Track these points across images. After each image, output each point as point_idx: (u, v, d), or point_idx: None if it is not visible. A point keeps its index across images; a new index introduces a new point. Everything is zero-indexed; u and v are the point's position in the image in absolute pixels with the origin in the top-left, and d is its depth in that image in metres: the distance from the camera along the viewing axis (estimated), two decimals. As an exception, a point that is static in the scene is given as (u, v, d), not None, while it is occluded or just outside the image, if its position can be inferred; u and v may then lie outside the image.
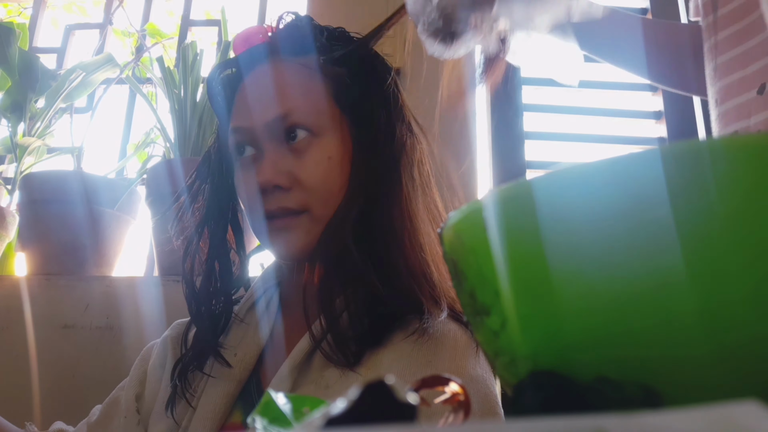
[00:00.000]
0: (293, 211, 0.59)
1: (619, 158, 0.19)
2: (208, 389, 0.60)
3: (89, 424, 0.67)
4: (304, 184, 0.59)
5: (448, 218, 0.25)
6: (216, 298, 0.64)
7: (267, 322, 0.64)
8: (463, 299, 0.25)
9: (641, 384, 0.19)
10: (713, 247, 0.18)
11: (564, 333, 0.20)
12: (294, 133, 0.60)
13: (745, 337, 0.18)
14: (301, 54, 0.63)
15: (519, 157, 1.27)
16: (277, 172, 0.58)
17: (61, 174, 1.20)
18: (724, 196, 0.18)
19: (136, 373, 0.68)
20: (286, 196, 0.59)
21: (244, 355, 0.61)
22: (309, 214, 0.59)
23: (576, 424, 0.12)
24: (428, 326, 0.56)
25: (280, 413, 0.24)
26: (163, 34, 1.60)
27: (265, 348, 0.62)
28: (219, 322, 0.64)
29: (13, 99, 1.23)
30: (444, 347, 0.55)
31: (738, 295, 0.18)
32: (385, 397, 0.17)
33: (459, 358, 0.54)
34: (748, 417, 0.12)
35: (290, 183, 0.59)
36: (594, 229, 0.19)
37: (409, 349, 0.54)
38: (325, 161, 0.59)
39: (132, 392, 0.66)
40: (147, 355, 0.70)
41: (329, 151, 0.60)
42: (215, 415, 0.57)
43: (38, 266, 1.13)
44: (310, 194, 0.59)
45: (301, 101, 0.60)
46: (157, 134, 1.28)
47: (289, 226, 0.59)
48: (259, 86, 0.62)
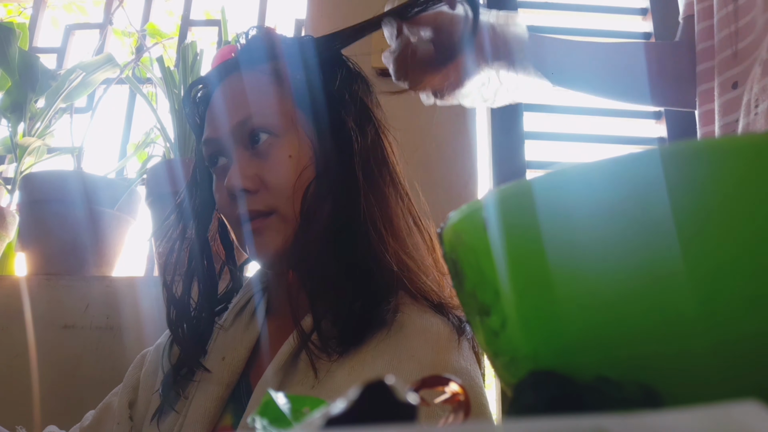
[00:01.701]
0: (262, 213, 0.61)
1: (619, 158, 0.19)
2: (197, 394, 0.61)
3: (82, 428, 0.68)
4: (269, 185, 0.61)
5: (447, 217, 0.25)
6: (195, 311, 0.66)
7: (254, 326, 0.65)
8: (463, 299, 0.25)
9: (641, 384, 0.19)
10: (713, 247, 0.18)
11: (564, 333, 0.20)
12: (257, 137, 0.62)
13: (744, 335, 0.18)
14: (259, 63, 0.65)
15: (519, 157, 1.27)
16: (244, 177, 0.60)
17: (61, 174, 1.20)
18: (723, 196, 0.18)
19: (130, 380, 0.69)
20: (253, 198, 0.61)
21: (231, 359, 0.62)
22: (277, 214, 0.61)
23: (576, 424, 0.12)
24: (407, 318, 0.57)
25: (280, 413, 0.24)
26: (163, 34, 1.60)
27: (253, 351, 0.63)
28: (198, 334, 0.65)
29: (13, 99, 1.23)
30: (427, 340, 0.55)
31: (737, 293, 0.18)
32: (385, 397, 0.17)
33: (442, 350, 0.55)
34: (748, 417, 0.12)
35: (256, 186, 0.61)
36: (594, 228, 0.19)
37: (392, 344, 0.55)
38: (286, 160, 0.61)
39: (125, 399, 0.66)
40: (140, 362, 0.71)
41: (289, 150, 0.62)
42: (205, 419, 0.58)
43: (38, 266, 1.13)
44: (275, 194, 0.60)
45: (260, 105, 0.63)
46: (157, 134, 1.28)
47: (260, 228, 0.61)
48: (223, 97, 0.65)
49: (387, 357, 0.54)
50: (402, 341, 0.55)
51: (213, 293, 0.68)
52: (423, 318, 0.58)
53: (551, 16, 1.42)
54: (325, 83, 0.65)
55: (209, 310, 0.67)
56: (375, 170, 0.63)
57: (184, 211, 0.69)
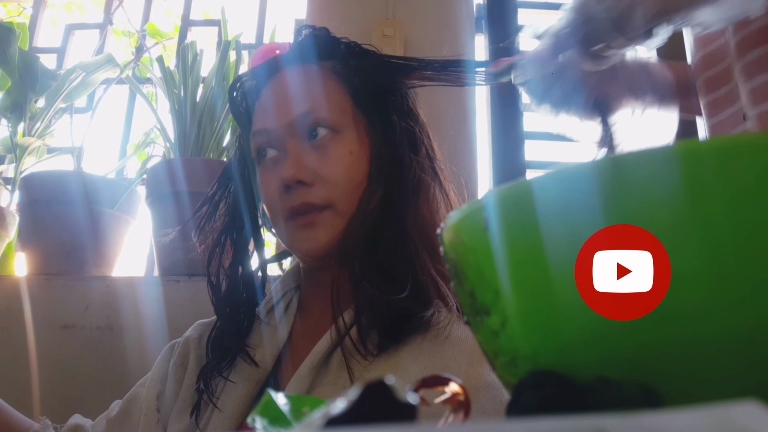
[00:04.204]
0: (316, 207, 0.60)
1: (619, 158, 0.19)
2: (227, 390, 0.61)
3: (108, 419, 0.68)
4: (327, 179, 0.60)
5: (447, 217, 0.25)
6: (240, 302, 0.66)
7: (285, 324, 0.65)
8: (463, 299, 0.25)
9: (641, 384, 0.19)
10: (713, 247, 0.18)
11: (564, 333, 0.20)
12: (315, 131, 0.62)
13: (743, 333, 0.18)
14: (319, 60, 0.66)
15: (519, 157, 1.27)
16: (301, 168, 0.60)
17: (61, 174, 1.20)
18: (722, 195, 0.18)
19: (158, 371, 0.68)
20: (309, 191, 0.60)
21: (262, 357, 0.62)
22: (332, 209, 0.60)
23: (576, 424, 0.12)
24: (443, 327, 0.56)
25: (280, 413, 0.24)
26: (163, 34, 1.60)
27: (282, 349, 0.63)
28: (243, 325, 0.65)
29: (13, 99, 1.23)
30: (462, 352, 0.55)
31: (737, 292, 0.18)
32: (385, 397, 0.17)
33: (476, 363, 0.54)
34: (748, 417, 0.12)
35: (313, 179, 0.60)
36: (594, 228, 0.19)
37: (427, 350, 0.55)
38: (347, 156, 0.62)
39: (153, 390, 0.66)
40: (168, 354, 0.70)
41: (350, 146, 0.62)
42: (234, 416, 0.58)
43: (38, 266, 1.13)
44: (333, 189, 0.60)
45: (322, 100, 0.63)
46: (157, 134, 1.28)
47: (314, 222, 0.60)
48: (281, 89, 0.65)
49: (422, 364, 0.54)
50: (438, 350, 0.55)
51: (252, 286, 0.67)
52: (459, 329, 0.57)
53: (551, 16, 1.42)
54: (383, 88, 0.66)
55: (251, 300, 0.67)
56: (426, 175, 0.64)
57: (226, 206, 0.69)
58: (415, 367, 0.54)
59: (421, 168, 0.64)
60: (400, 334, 0.56)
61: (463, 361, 0.54)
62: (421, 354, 0.55)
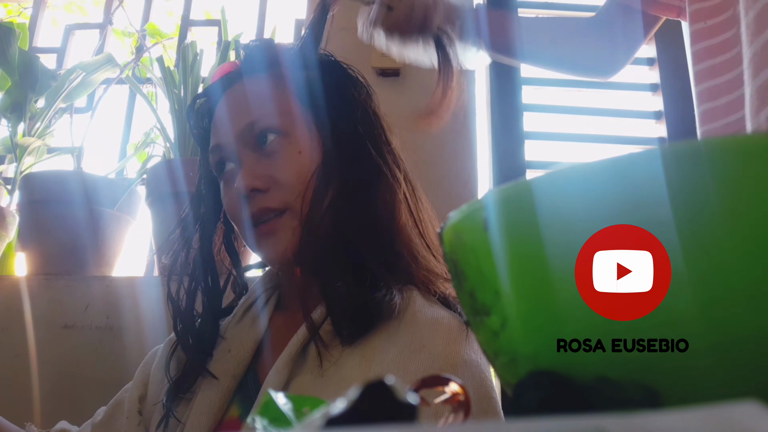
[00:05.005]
0: (275, 211, 0.62)
1: (619, 158, 0.19)
2: (204, 386, 0.61)
3: (94, 424, 0.69)
4: (281, 182, 0.62)
5: (447, 217, 0.25)
6: (200, 318, 0.67)
7: (263, 318, 0.66)
8: (463, 299, 0.25)
9: (641, 384, 0.19)
10: (712, 246, 0.18)
11: (564, 333, 0.20)
12: (265, 137, 0.63)
13: (744, 334, 0.18)
14: (262, 70, 0.68)
15: (519, 157, 1.27)
16: (255, 176, 0.62)
17: (61, 174, 1.20)
18: (722, 195, 0.18)
19: (140, 376, 0.70)
20: (265, 197, 0.62)
21: (238, 351, 0.63)
22: (290, 211, 0.62)
23: (576, 424, 0.12)
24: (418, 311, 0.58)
25: (280, 413, 0.24)
26: (163, 34, 1.60)
27: (261, 343, 0.64)
28: (204, 340, 0.65)
29: (13, 99, 1.23)
30: (437, 332, 0.56)
31: (737, 292, 0.18)
32: (385, 397, 0.17)
33: (453, 342, 0.55)
34: (747, 417, 0.12)
35: (268, 184, 0.62)
36: (594, 228, 0.19)
37: (403, 333, 0.56)
38: (296, 156, 0.63)
39: (135, 394, 0.67)
40: (151, 358, 0.72)
41: (299, 146, 0.63)
42: (211, 410, 0.59)
43: (38, 266, 1.13)
44: (288, 190, 0.62)
45: (266, 107, 0.64)
46: (157, 134, 1.28)
47: (274, 228, 0.62)
48: (229, 104, 0.67)
49: (399, 347, 0.55)
50: (414, 331, 0.56)
51: (217, 305, 0.69)
52: (433, 310, 0.59)
53: (551, 15, 1.42)
54: (323, 82, 0.67)
55: (214, 321, 0.67)
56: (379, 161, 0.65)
57: (187, 224, 0.70)
58: (393, 350, 0.54)
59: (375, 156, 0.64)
60: (371, 321, 0.57)
61: (440, 341, 0.55)
62: (398, 337, 0.56)
